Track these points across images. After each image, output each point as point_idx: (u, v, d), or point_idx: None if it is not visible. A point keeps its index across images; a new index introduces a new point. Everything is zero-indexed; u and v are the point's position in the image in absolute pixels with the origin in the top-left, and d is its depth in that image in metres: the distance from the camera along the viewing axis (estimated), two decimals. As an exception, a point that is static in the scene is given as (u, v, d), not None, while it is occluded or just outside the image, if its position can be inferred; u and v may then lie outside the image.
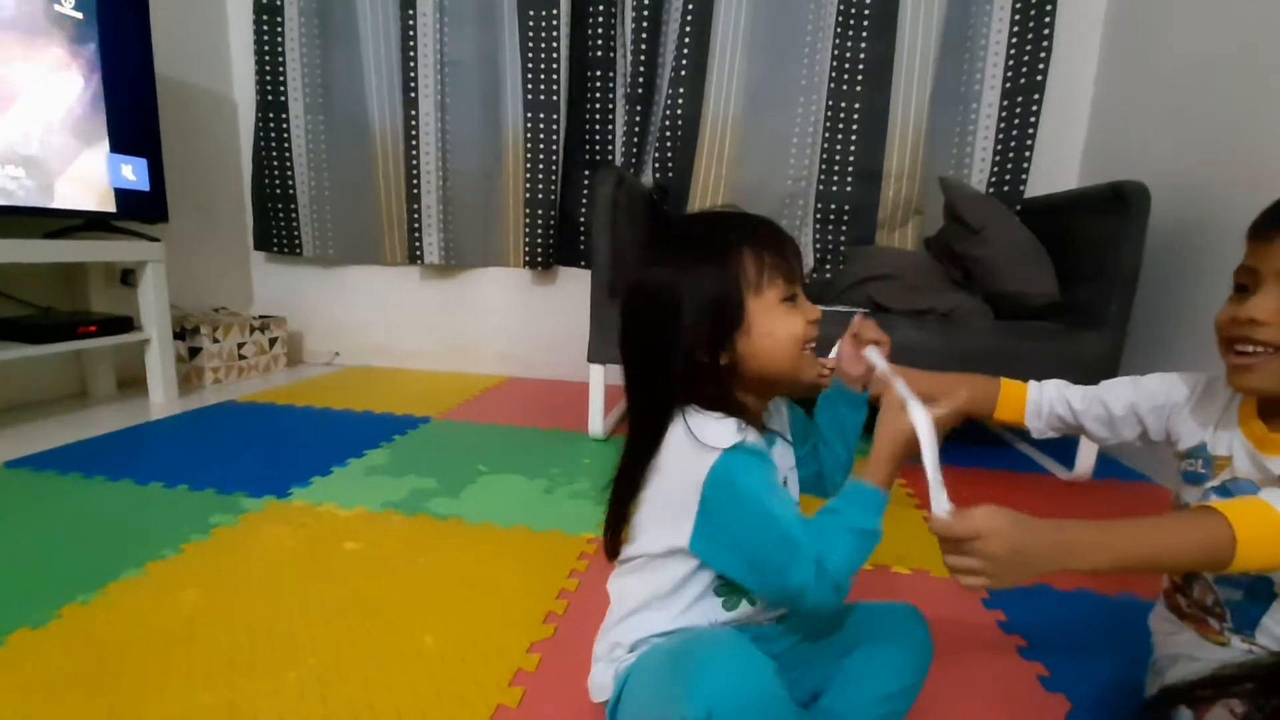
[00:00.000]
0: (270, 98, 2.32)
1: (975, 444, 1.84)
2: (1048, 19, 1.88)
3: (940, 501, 0.55)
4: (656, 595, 0.63)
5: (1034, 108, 1.92)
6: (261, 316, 2.38)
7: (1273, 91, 1.34)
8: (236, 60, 2.38)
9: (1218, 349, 0.66)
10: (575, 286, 2.28)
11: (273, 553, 1.05)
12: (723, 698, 0.48)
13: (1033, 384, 0.86)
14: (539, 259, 2.23)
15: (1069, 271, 1.55)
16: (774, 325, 0.60)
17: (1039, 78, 1.91)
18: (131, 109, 1.81)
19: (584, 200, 2.22)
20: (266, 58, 2.28)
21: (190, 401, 1.91)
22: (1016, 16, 1.90)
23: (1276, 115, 1.33)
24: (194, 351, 2.09)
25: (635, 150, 2.12)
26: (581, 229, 2.24)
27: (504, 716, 0.71)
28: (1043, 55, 1.90)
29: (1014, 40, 1.92)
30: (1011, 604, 0.97)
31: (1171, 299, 1.57)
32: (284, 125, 2.32)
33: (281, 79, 2.28)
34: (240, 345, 2.22)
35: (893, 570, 1.07)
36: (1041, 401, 0.85)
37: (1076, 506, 1.41)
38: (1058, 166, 1.99)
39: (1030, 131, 1.93)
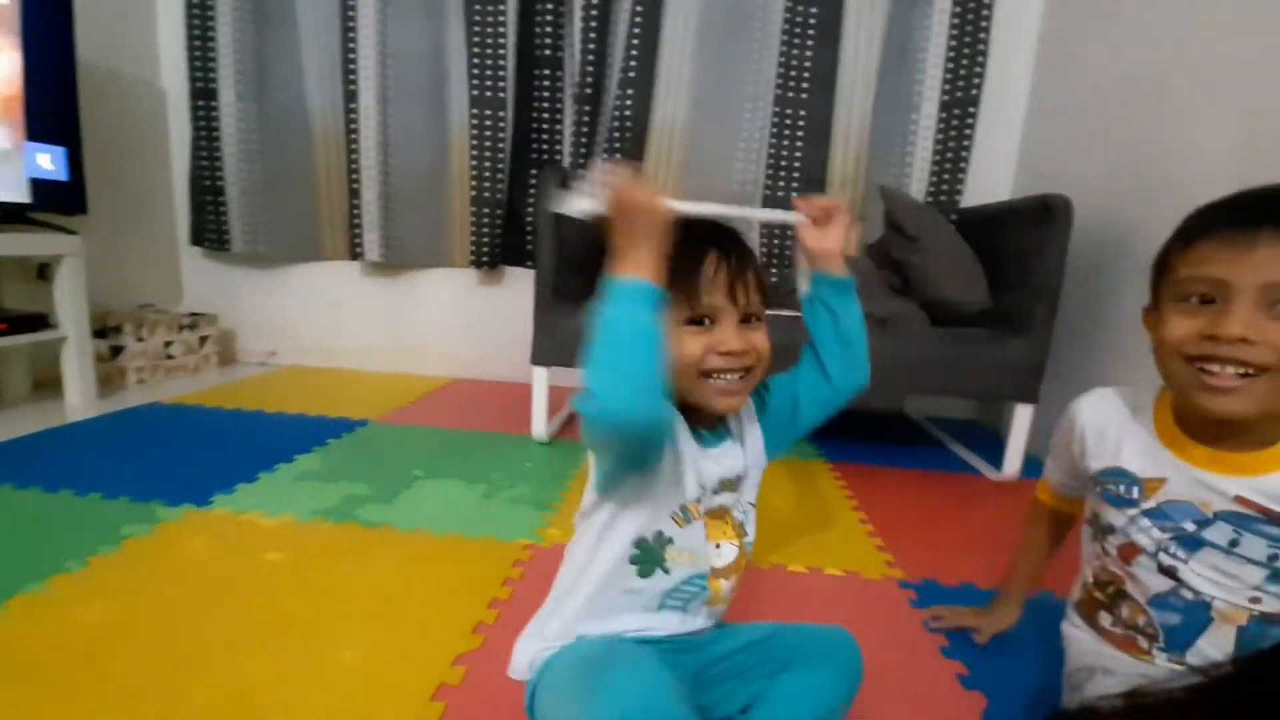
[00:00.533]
0: (201, 84, 2.21)
1: (912, 446, 1.90)
2: (983, 34, 1.95)
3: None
4: (575, 567, 0.64)
5: (970, 120, 1.98)
6: (191, 314, 2.27)
7: (1182, 111, 1.42)
8: (165, 45, 2.26)
9: (1164, 365, 0.62)
10: (522, 287, 2.25)
11: (188, 565, 1.00)
12: (627, 714, 0.48)
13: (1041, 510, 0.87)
14: (485, 259, 2.19)
15: (1000, 280, 1.61)
16: (673, 347, 0.57)
17: (975, 91, 1.98)
18: (50, 95, 1.70)
19: (531, 200, 2.19)
20: (197, 42, 2.18)
21: (110, 403, 1.81)
22: (954, 30, 1.97)
23: (1185, 133, 1.40)
24: (116, 350, 1.98)
25: (584, 151, 2.11)
26: (529, 229, 2.21)
27: (423, 733, 0.69)
28: (979, 69, 1.97)
29: (951, 54, 1.98)
30: (930, 598, 1.00)
31: (1094, 306, 1.65)
32: (215, 114, 2.22)
33: (213, 65, 2.18)
34: (168, 344, 2.11)
35: (825, 572, 1.09)
36: (1065, 495, 0.84)
37: (1004, 507, 1.47)
38: (993, 177, 2.07)
39: (966, 143, 2.00)
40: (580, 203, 0.55)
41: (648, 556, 0.62)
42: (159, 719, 0.69)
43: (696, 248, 0.58)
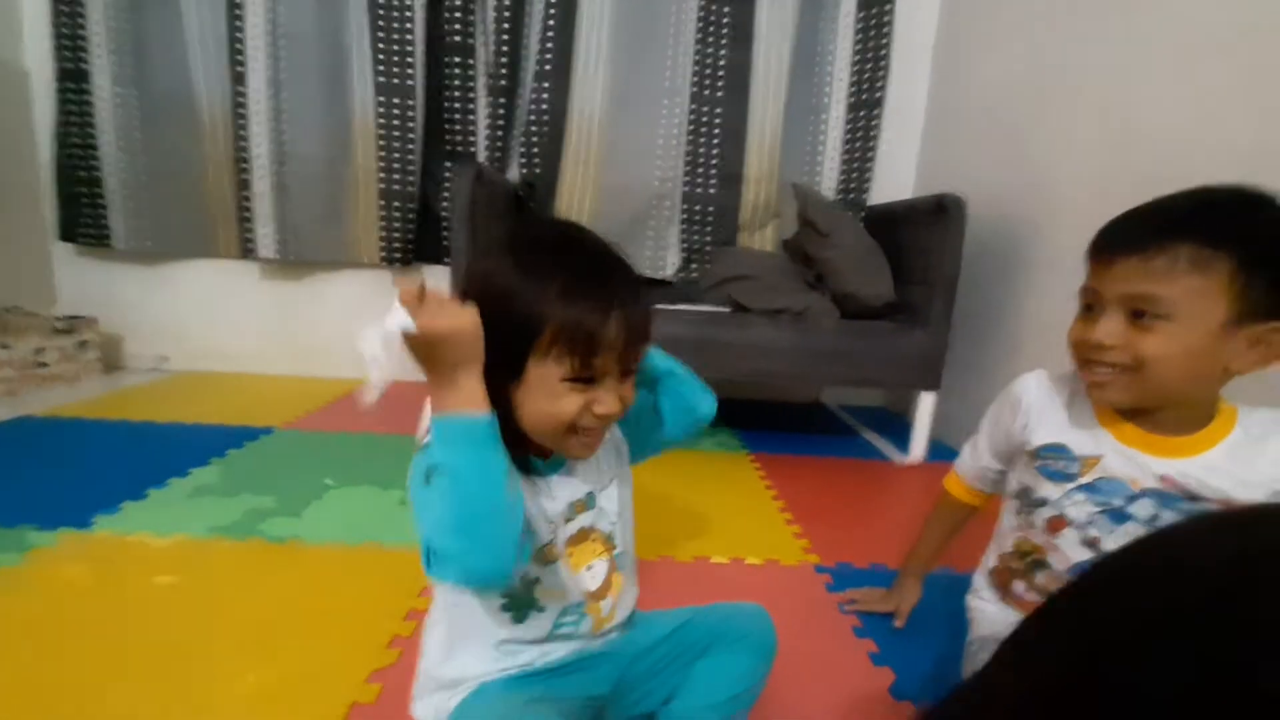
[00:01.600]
0: (70, 65, 2.01)
1: (828, 434, 1.98)
2: (885, 40, 2.04)
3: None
4: (444, 611, 0.62)
5: (875, 121, 2.08)
6: (67, 317, 2.07)
7: (1054, 112, 1.54)
8: (29, 21, 2.04)
9: (1072, 360, 0.71)
10: (439, 284, 2.18)
11: (64, 595, 0.91)
12: None
13: (950, 500, 0.92)
14: (397, 254, 2.11)
15: (904, 275, 1.70)
16: (543, 398, 0.54)
17: (879, 94, 2.07)
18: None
19: (446, 194, 2.13)
20: (64, 19, 1.98)
21: (-31, 419, 1.62)
22: (858, 35, 2.05)
23: (1057, 132, 1.52)
24: (-26, 360, 1.77)
25: (500, 144, 2.06)
26: (445, 224, 2.15)
27: (334, 757, 0.66)
28: (881, 73, 2.06)
29: (856, 58, 2.07)
30: (845, 581, 1.05)
31: (989, 298, 1.77)
32: (87, 98, 2.02)
33: (83, 44, 1.99)
34: (39, 351, 1.91)
35: (746, 562, 1.12)
36: (975, 487, 0.89)
37: (910, 489, 1.56)
38: (897, 176, 2.18)
39: (872, 144, 2.09)
40: (374, 344, 0.47)
41: (517, 602, 0.60)
42: (28, 769, 0.62)
43: (598, 300, 0.52)
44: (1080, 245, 0.69)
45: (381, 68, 1.99)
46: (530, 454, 0.59)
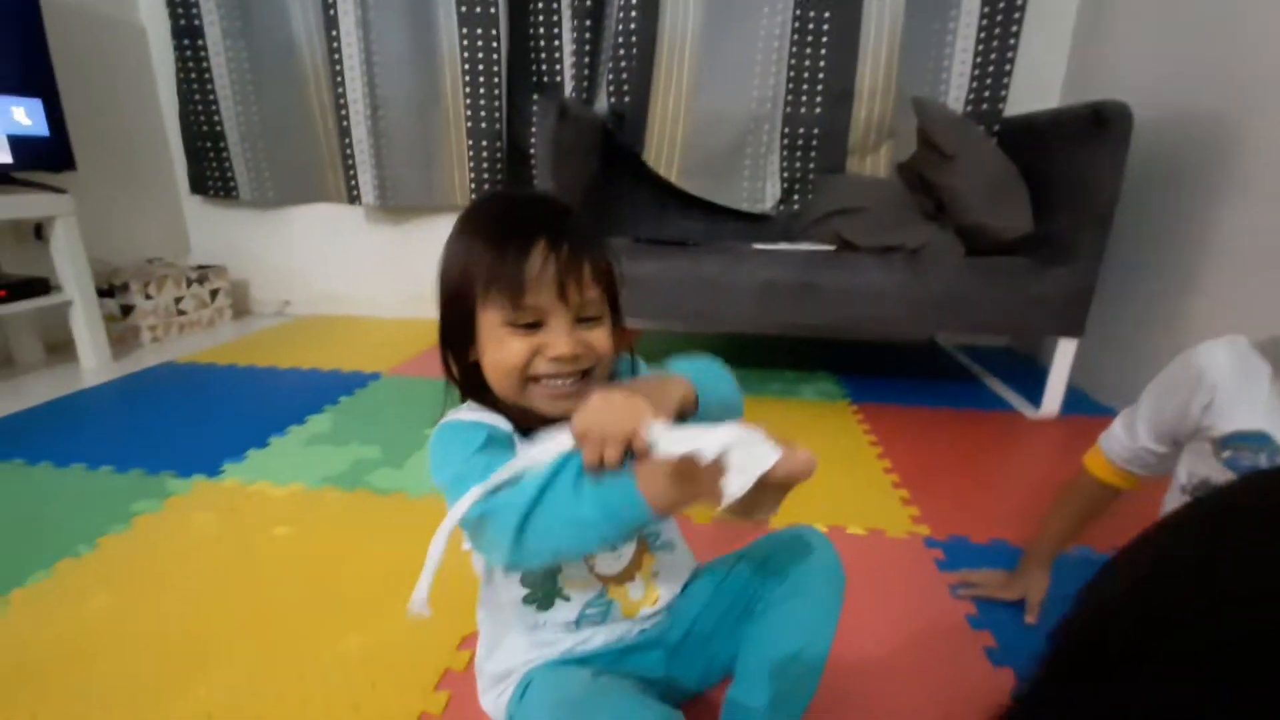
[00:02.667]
0: (183, 22, 2.08)
1: (943, 380, 1.81)
2: (1036, -90, 1.69)
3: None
4: (484, 612, 0.63)
5: (1016, 17, 1.75)
6: (200, 267, 2.24)
7: (1267, 7, 1.21)
8: (138, -23, 2.12)
9: None
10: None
11: (195, 544, 0.99)
12: None
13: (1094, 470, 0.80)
14: (489, 197, 2.08)
15: (1047, 201, 1.45)
16: (491, 347, 0.53)
17: (1023, -20, 1.74)
18: (16, 40, 1.60)
19: (534, 129, 2.05)
20: (170, -27, 2.03)
21: (127, 364, 1.81)
22: (1001, -92, 1.71)
23: (1272, 30, 1.20)
24: (126, 310, 1.96)
25: (587, 74, 1.94)
26: (533, 162, 2.09)
27: (426, 727, 0.68)
28: (1029, -47, 1.72)
29: (997, -64, 1.73)
30: (959, 559, 0.95)
31: (1151, 225, 1.49)
32: (203, 53, 2.10)
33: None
34: (178, 300, 2.09)
35: (847, 531, 1.04)
36: (1125, 470, 0.77)
37: (1042, 449, 1.39)
38: (1040, 83, 1.86)
39: (1012, 43, 1.78)
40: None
41: (540, 593, 0.59)
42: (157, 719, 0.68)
43: (520, 237, 0.51)
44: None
45: (463, -1, 1.90)
46: (536, 427, 0.55)
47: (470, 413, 0.57)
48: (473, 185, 2.08)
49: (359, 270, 2.37)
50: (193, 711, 0.69)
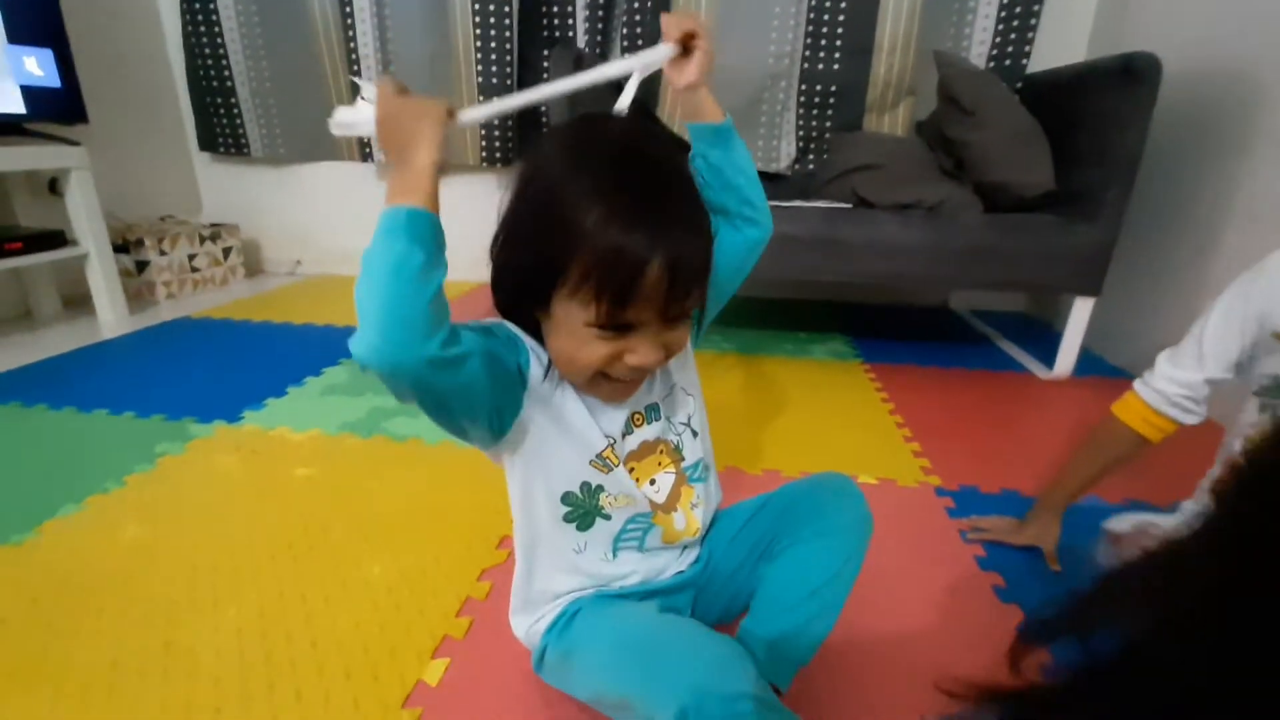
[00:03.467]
0: (190, -28, 2.05)
1: (956, 342, 1.80)
2: None
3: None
4: (520, 534, 0.60)
5: (1044, -33, 1.71)
6: (212, 225, 2.24)
7: None
8: (144, -72, 2.08)
9: None
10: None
11: (220, 482, 1.01)
12: (694, 695, 0.44)
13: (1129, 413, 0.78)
14: (498, 156, 2.07)
15: (1069, 156, 1.43)
16: (567, 339, 0.50)
17: (1052, -71, 1.69)
18: (23, -12, 1.59)
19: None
20: (177, -76, 2.00)
21: (143, 319, 1.82)
22: None
23: None
24: (141, 265, 1.97)
25: (600, 26, 1.91)
26: (544, 120, 2.06)
27: (449, 648, 0.70)
28: (1059, -99, 1.67)
29: (1027, -118, 1.67)
30: (968, 507, 0.96)
31: (1174, 183, 1.47)
32: (211, 5, 2.07)
33: (197, -51, 2.01)
34: (191, 257, 2.10)
35: (859, 480, 1.05)
36: (1164, 414, 0.75)
37: (1054, 408, 1.39)
38: (1067, 36, 1.81)
39: (1038, -5, 1.73)
40: (347, 117, 0.51)
41: (581, 509, 0.57)
42: (193, 637, 0.70)
43: (642, 245, 0.44)
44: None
45: (475, -53, 1.86)
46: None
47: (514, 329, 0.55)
48: (484, 144, 2.06)
49: (370, 229, 2.36)
50: (226, 628, 0.71)
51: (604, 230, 0.44)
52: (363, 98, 0.51)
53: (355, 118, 0.51)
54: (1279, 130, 1.22)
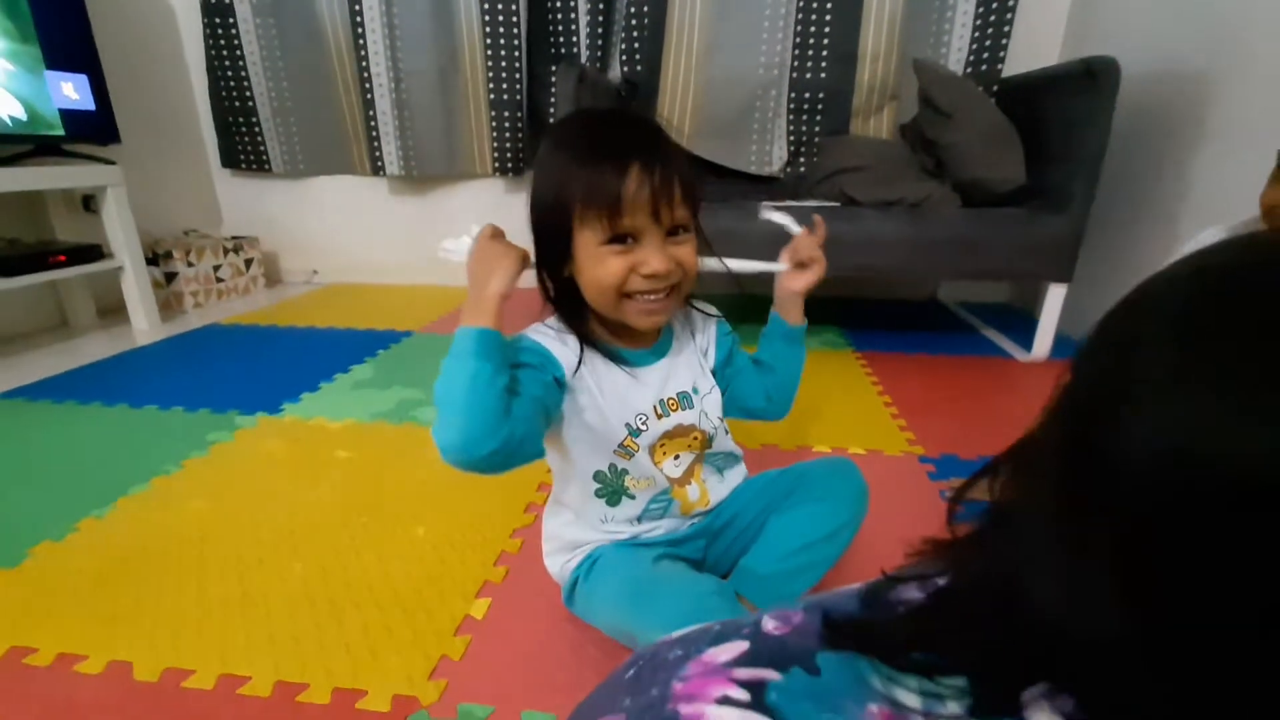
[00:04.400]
0: (214, 0, 2.17)
1: (943, 332, 1.91)
2: (1033, -126, 1.75)
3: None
4: (559, 492, 0.72)
5: (1014, -22, 1.82)
6: (234, 237, 2.35)
7: None
8: (167, -43, 2.20)
9: (1263, 225, 0.66)
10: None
11: (270, 464, 1.11)
12: (675, 625, 0.55)
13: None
14: (509, 165, 2.18)
15: (1040, 154, 1.54)
16: (590, 265, 0.58)
17: (1021, -57, 1.81)
18: (61, 18, 1.70)
19: (553, 99, 2.14)
20: (199, -47, 2.12)
21: (174, 326, 1.93)
22: (1000, -127, 1.77)
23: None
24: (170, 276, 2.08)
25: (601, 43, 2.03)
26: (550, 131, 2.17)
27: (490, 590, 0.80)
28: (1026, -83, 1.79)
29: (996, -99, 1.80)
30: (949, 471, 1.06)
31: (1136, 176, 1.58)
32: (234, 30, 2.19)
33: (220, -23, 2.13)
34: (216, 268, 2.21)
35: (849, 452, 1.16)
36: None
37: (1031, 387, 1.49)
38: (1038, 44, 1.93)
39: (1011, 4, 1.85)
40: (451, 245, 0.65)
41: (609, 488, 0.68)
42: (266, 587, 0.80)
43: (616, 160, 0.55)
44: (1277, 104, 0.62)
45: (482, -29, 1.98)
46: (621, 347, 0.66)
47: (541, 334, 0.64)
48: (494, 154, 2.18)
49: (384, 239, 2.48)
50: (293, 580, 0.81)
51: (586, 163, 0.56)
52: (467, 235, 0.64)
53: (457, 246, 0.64)
54: (1228, 127, 1.33)
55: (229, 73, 2.23)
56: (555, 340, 0.64)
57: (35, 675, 0.68)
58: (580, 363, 0.63)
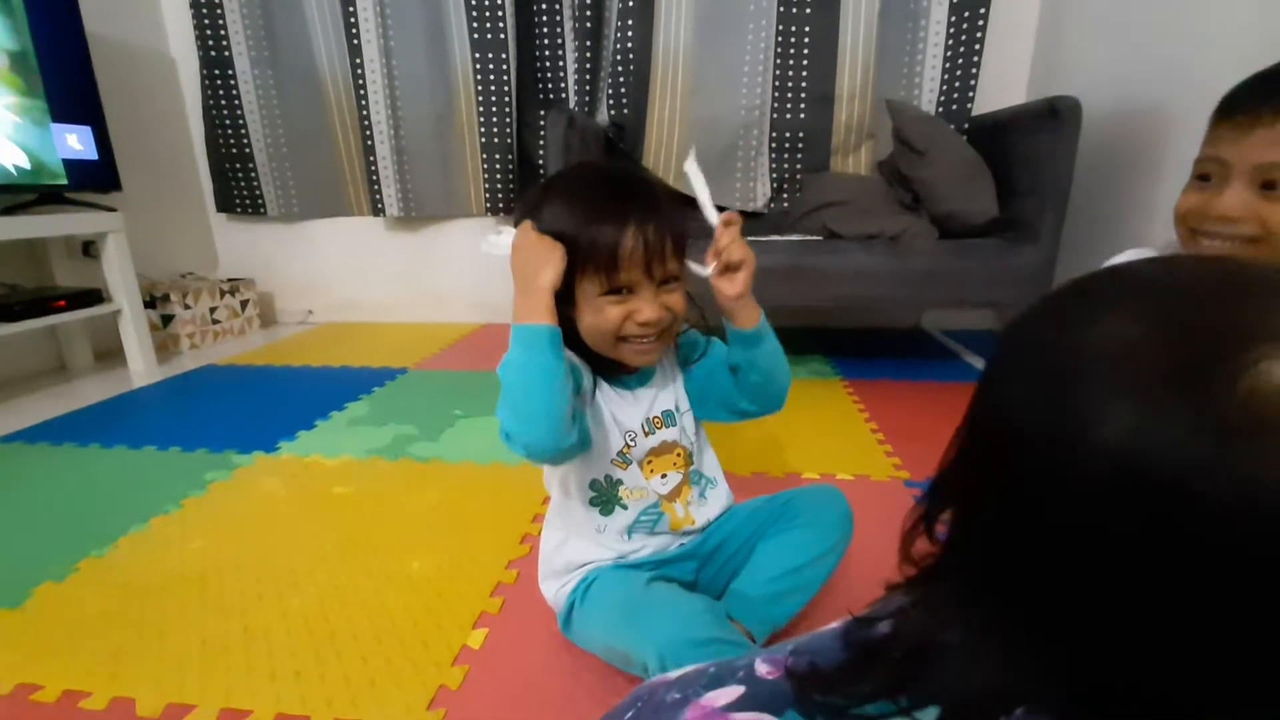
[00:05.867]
0: (214, 53, 2.25)
1: (923, 359, 1.95)
2: (992, -72, 1.87)
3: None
4: (556, 508, 0.75)
5: (980, 23, 1.92)
6: (230, 279, 2.39)
7: (1204, 10, 1.38)
8: (168, 11, 2.29)
9: (1177, 233, 0.69)
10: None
11: (268, 501, 1.13)
12: (668, 643, 0.58)
13: None
14: (500, 205, 2.24)
15: (1010, 188, 1.61)
16: (589, 313, 0.64)
17: (985, -9, 1.91)
18: (67, 73, 1.76)
19: (542, 142, 2.21)
20: (204, 10, 2.20)
21: (171, 368, 1.95)
22: (961, -73, 1.89)
23: (1209, 36, 1.36)
24: (167, 319, 2.11)
25: (588, 88, 2.11)
26: (542, 172, 2.24)
27: (486, 620, 0.81)
28: (988, -33, 1.89)
29: (959, -47, 1.91)
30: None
31: (1106, 207, 1.65)
32: (232, 82, 2.26)
33: (223, 32, 2.21)
34: (212, 310, 2.24)
35: (837, 477, 1.18)
36: None
37: (1013, 409, 1.53)
38: (1005, 83, 2.02)
39: (977, 48, 1.95)
40: (493, 242, 0.67)
41: (604, 497, 0.72)
42: (266, 622, 0.82)
43: (614, 221, 0.61)
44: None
45: (474, 24, 2.07)
46: (621, 373, 0.71)
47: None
48: (487, 195, 2.24)
49: (378, 278, 2.52)
50: (292, 615, 0.83)
51: (588, 224, 0.62)
52: (507, 230, 0.67)
53: (499, 242, 0.67)
54: (1187, 158, 1.40)
55: (226, 121, 2.30)
56: (576, 358, 0.69)
57: (42, 711, 0.69)
58: (595, 386, 0.70)
